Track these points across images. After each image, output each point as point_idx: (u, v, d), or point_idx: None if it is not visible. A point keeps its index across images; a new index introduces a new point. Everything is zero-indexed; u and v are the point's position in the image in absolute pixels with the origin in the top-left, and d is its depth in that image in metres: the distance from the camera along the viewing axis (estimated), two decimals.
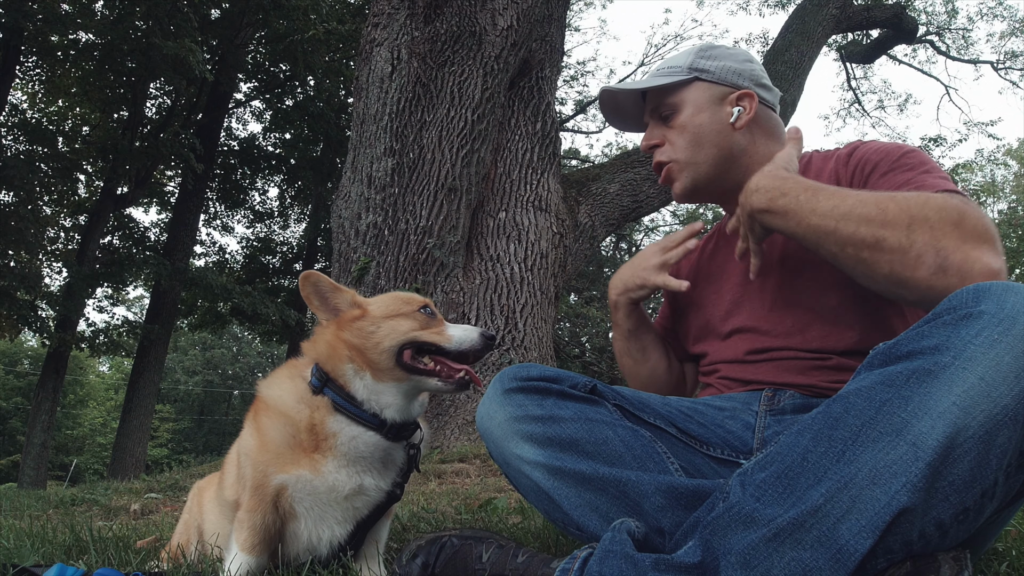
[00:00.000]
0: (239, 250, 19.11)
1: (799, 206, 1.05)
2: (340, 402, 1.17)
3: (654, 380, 1.49)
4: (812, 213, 1.03)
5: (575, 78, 19.01)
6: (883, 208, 0.97)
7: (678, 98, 1.33)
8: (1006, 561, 1.02)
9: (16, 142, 13.31)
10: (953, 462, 0.69)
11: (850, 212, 0.99)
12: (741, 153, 1.32)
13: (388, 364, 1.17)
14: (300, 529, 1.19)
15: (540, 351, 4.80)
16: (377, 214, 4.80)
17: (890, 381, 0.75)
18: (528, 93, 5.72)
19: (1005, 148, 24.30)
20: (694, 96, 1.33)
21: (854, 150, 1.26)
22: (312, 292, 1.23)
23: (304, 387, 1.20)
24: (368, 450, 1.17)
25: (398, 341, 1.17)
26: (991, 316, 0.74)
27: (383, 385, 1.18)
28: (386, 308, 1.22)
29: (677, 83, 1.33)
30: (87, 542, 1.55)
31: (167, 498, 3.63)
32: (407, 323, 1.19)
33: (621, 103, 1.44)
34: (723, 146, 1.31)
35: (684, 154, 1.33)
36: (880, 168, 1.18)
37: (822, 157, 1.33)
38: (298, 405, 1.19)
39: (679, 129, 1.33)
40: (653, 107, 1.37)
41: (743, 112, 1.31)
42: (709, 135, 1.31)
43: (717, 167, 1.32)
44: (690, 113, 1.32)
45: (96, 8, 12.01)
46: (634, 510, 0.97)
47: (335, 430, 1.16)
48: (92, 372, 37.29)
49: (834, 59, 13.95)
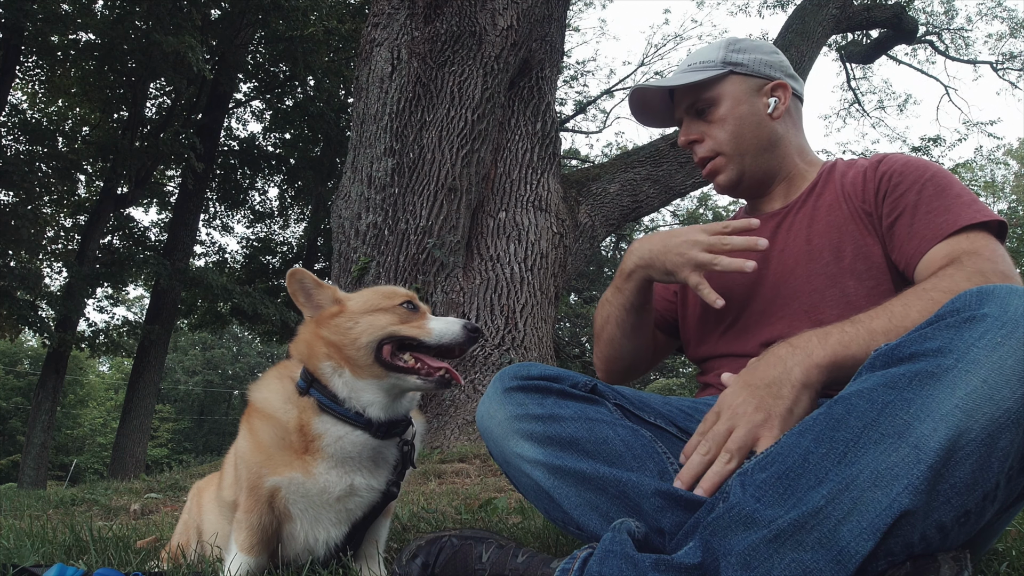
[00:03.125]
0: (239, 250, 19.13)
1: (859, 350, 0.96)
2: (325, 402, 1.15)
3: (634, 360, 1.45)
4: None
5: (575, 78, 19.01)
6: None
7: (715, 92, 1.36)
8: (1006, 561, 1.02)
9: (16, 142, 13.31)
10: (955, 465, 0.69)
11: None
12: (778, 142, 1.37)
13: (366, 360, 1.14)
14: (296, 531, 1.19)
15: (540, 351, 4.80)
16: (377, 214, 4.80)
17: (892, 383, 0.75)
18: (528, 93, 5.72)
19: (1005, 148, 24.30)
20: (731, 89, 1.35)
21: (880, 162, 1.29)
22: (298, 289, 1.21)
23: (291, 388, 1.19)
24: (356, 450, 1.15)
25: (376, 336, 1.14)
26: (994, 319, 0.74)
27: (363, 382, 1.15)
28: (365, 303, 1.19)
29: (713, 78, 1.35)
30: (87, 542, 1.55)
31: (167, 498, 3.63)
32: (385, 318, 1.16)
33: (649, 100, 1.45)
34: (763, 136, 1.36)
35: (729, 147, 1.35)
36: (907, 196, 1.19)
37: (847, 164, 1.37)
38: (286, 406, 1.17)
39: (719, 123, 1.36)
40: (690, 103, 1.39)
41: (779, 102, 1.36)
42: (750, 127, 1.35)
43: (760, 157, 1.37)
44: (730, 106, 1.35)
45: (96, 8, 12.01)
46: (634, 510, 0.97)
47: (321, 431, 1.14)
48: (92, 372, 37.29)
49: (834, 59, 13.97)
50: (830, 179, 1.35)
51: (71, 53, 12.80)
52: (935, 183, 1.19)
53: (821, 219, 1.30)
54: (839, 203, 1.29)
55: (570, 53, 20.42)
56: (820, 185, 1.36)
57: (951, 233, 1.11)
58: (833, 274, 1.24)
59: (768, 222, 1.38)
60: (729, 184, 1.39)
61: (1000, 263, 1.06)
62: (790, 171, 1.40)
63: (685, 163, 6.56)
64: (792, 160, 1.40)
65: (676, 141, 6.90)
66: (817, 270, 1.26)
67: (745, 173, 1.37)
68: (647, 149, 6.78)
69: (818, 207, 1.32)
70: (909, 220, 1.18)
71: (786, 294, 1.28)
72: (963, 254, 1.08)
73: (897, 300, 1.01)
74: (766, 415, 0.92)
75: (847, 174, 1.32)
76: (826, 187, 1.34)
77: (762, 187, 1.41)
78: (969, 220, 1.11)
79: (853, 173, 1.31)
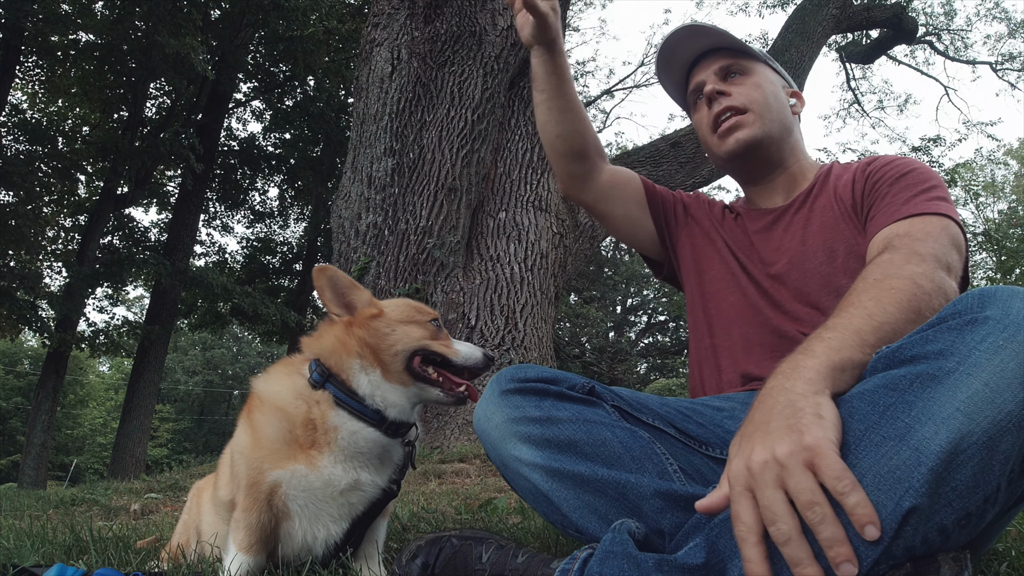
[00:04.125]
0: (239, 250, 19.14)
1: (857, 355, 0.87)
2: (342, 397, 1.18)
3: (574, 138, 1.46)
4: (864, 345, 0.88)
5: (575, 78, 18.99)
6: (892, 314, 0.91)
7: (751, 64, 1.44)
8: (1006, 561, 1.02)
9: (16, 142, 13.31)
10: (956, 468, 0.69)
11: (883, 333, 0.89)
12: (793, 132, 1.44)
13: (399, 367, 1.21)
14: (295, 529, 1.19)
15: (540, 351, 4.80)
16: (377, 214, 4.80)
17: (893, 385, 0.75)
18: (528, 93, 5.72)
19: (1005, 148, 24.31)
20: (765, 73, 1.44)
21: (869, 163, 1.34)
22: (327, 285, 1.25)
23: (302, 382, 1.21)
24: (367, 446, 1.18)
25: (411, 347, 1.21)
26: (996, 321, 0.74)
27: (389, 385, 1.20)
28: (401, 313, 1.25)
29: (754, 54, 1.45)
30: (87, 542, 1.55)
31: (167, 498, 3.63)
32: (420, 331, 1.23)
33: (678, 56, 1.49)
34: (786, 118, 1.43)
35: (759, 106, 1.39)
36: (881, 190, 1.26)
37: (842, 167, 1.41)
38: (295, 400, 1.19)
39: (754, 86, 1.41)
40: (724, 65, 1.43)
41: (796, 104, 1.48)
42: (779, 103, 1.42)
43: (780, 132, 1.41)
44: (763, 79, 1.43)
45: (96, 8, 12.01)
46: (633, 511, 0.97)
47: (337, 424, 1.17)
48: (92, 372, 37.31)
49: (833, 59, 13.97)
50: (826, 182, 1.38)
51: (71, 53, 12.80)
52: (909, 178, 1.23)
53: (816, 220, 1.34)
54: (832, 205, 1.33)
55: (570, 53, 20.44)
56: (817, 188, 1.39)
57: (895, 221, 1.15)
58: (827, 274, 1.27)
59: (766, 217, 1.42)
60: (749, 141, 1.39)
61: (931, 243, 1.06)
62: (794, 165, 1.45)
63: (685, 163, 6.57)
64: (798, 156, 1.46)
65: (676, 141, 6.87)
66: (812, 269, 1.29)
67: (765, 138, 1.39)
68: (647, 149, 6.79)
69: (814, 209, 1.36)
70: (875, 212, 1.23)
71: (784, 293, 1.31)
72: (895, 238, 1.11)
73: (862, 296, 0.94)
74: (799, 431, 0.73)
75: (841, 177, 1.36)
76: (822, 190, 1.38)
77: (769, 166, 1.44)
78: (915, 211, 1.14)
79: (846, 176, 1.35)
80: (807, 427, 0.73)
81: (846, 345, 0.85)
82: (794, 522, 0.69)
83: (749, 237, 1.43)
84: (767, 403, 0.80)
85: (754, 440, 0.76)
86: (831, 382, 0.81)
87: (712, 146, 1.45)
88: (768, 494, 0.71)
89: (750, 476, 0.73)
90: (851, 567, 0.67)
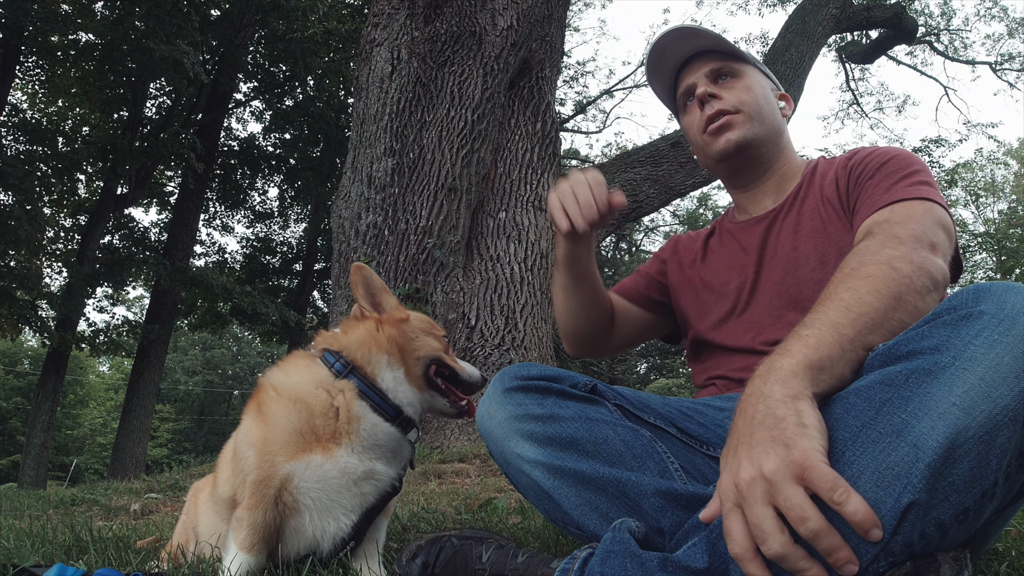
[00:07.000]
0: (239, 250, 19.14)
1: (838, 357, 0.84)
2: (365, 389, 1.22)
3: (592, 331, 1.49)
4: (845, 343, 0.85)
5: (575, 78, 19.02)
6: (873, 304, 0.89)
7: (741, 68, 1.44)
8: (1006, 561, 1.02)
9: (16, 142, 13.32)
10: (953, 463, 0.69)
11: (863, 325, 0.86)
12: (783, 135, 1.46)
13: (419, 372, 1.30)
14: (304, 524, 1.18)
15: (540, 351, 4.81)
16: (377, 214, 4.80)
17: (889, 381, 0.75)
18: (528, 93, 5.72)
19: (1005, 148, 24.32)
20: (755, 76, 1.45)
21: (850, 157, 1.34)
22: (361, 282, 1.34)
23: (324, 372, 1.23)
24: (385, 439, 1.22)
25: (431, 355, 1.31)
26: (991, 316, 0.74)
27: (408, 386, 1.28)
28: (422, 323, 1.36)
29: (744, 57, 1.45)
30: (87, 542, 1.55)
31: (167, 498, 3.63)
32: (437, 343, 1.34)
33: (668, 58, 1.49)
34: (776, 120, 1.44)
35: (751, 108, 1.40)
36: (863, 180, 1.26)
37: (827, 163, 1.40)
38: (316, 390, 1.21)
39: (744, 88, 1.42)
40: (715, 68, 1.43)
41: (785, 107, 1.49)
42: (769, 107, 1.43)
43: (770, 134, 1.42)
44: (754, 82, 1.43)
45: (96, 8, 12.01)
46: (634, 510, 0.97)
47: (360, 414, 1.20)
48: (92, 372, 37.32)
49: (833, 59, 13.98)
50: (812, 181, 1.38)
51: (71, 53, 12.80)
52: (890, 166, 1.22)
53: (805, 224, 1.33)
54: (819, 207, 1.32)
55: (570, 53, 20.45)
56: (804, 188, 1.39)
57: (877, 209, 1.14)
58: (819, 279, 1.25)
59: (758, 225, 1.41)
60: (740, 141, 1.39)
61: (912, 224, 1.04)
62: (784, 167, 1.45)
63: (685, 163, 6.57)
64: (787, 157, 1.46)
65: (676, 141, 6.89)
66: (804, 276, 1.28)
67: (756, 139, 1.40)
68: (647, 149, 6.79)
69: (803, 212, 1.35)
70: (860, 204, 1.22)
71: (778, 302, 1.30)
72: (875, 225, 1.09)
73: (838, 288, 0.92)
74: (784, 444, 0.72)
75: (827, 175, 1.36)
76: (809, 190, 1.37)
77: (760, 168, 1.44)
78: (896, 197, 1.13)
79: (831, 173, 1.35)
80: (792, 439, 0.72)
81: (824, 342, 0.82)
82: (785, 538, 0.69)
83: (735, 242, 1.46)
84: (748, 412, 0.79)
85: (740, 455, 0.75)
86: (810, 382, 0.79)
87: (703, 147, 1.45)
88: (757, 511, 0.70)
89: (738, 494, 0.73)
90: (853, 567, 0.68)
